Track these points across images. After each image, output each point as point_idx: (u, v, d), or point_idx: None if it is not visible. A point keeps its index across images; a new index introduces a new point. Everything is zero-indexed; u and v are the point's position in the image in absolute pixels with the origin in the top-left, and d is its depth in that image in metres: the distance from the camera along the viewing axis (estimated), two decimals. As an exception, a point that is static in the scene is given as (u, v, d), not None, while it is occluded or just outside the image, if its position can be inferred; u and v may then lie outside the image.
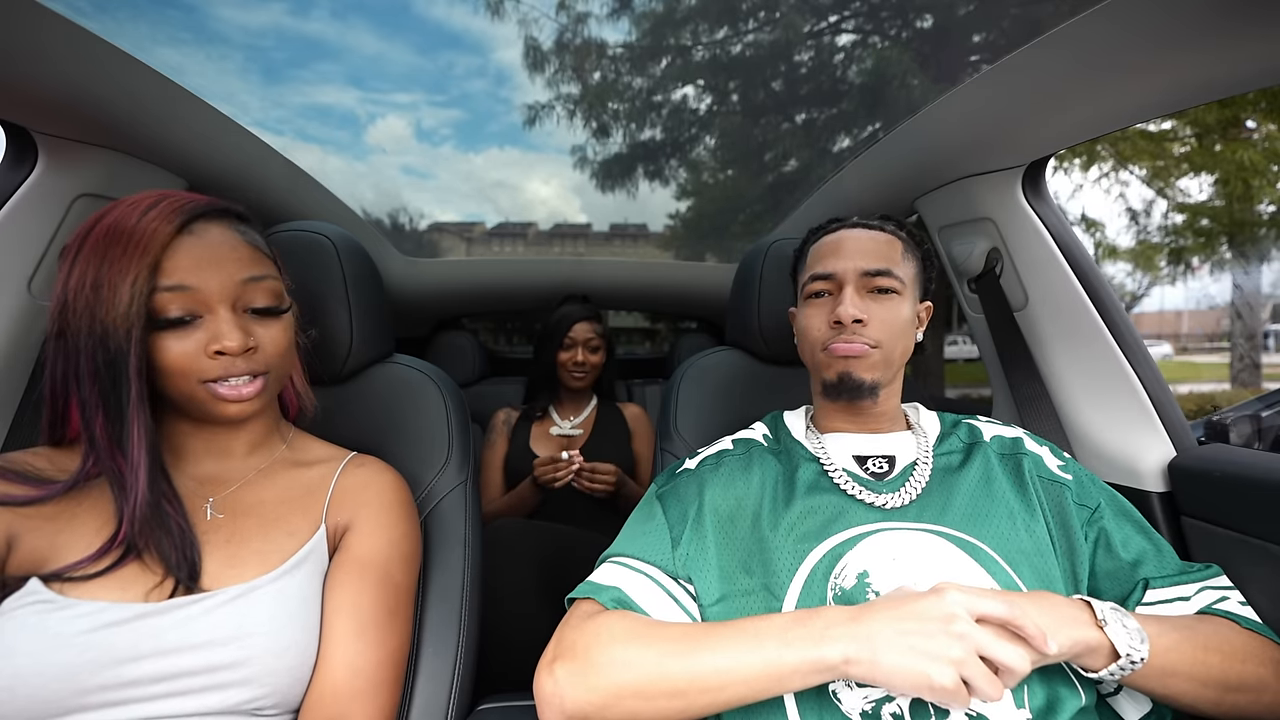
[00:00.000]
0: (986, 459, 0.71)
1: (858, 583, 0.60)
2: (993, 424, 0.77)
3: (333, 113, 17.29)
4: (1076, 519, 0.66)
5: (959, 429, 0.76)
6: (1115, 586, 0.64)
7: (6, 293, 0.83)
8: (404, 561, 0.68)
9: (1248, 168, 4.98)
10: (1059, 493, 0.68)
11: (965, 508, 0.66)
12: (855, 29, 6.43)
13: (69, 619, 0.52)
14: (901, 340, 0.72)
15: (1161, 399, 0.93)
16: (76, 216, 0.88)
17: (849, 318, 0.69)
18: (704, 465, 0.75)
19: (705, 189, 7.70)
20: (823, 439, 0.75)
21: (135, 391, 0.55)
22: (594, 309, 1.63)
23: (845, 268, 0.72)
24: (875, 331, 0.70)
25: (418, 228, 10.05)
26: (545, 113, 7.11)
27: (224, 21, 11.87)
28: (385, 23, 15.69)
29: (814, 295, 0.75)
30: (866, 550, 0.62)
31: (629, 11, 6.57)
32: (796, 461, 0.73)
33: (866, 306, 0.71)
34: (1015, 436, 0.74)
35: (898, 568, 0.61)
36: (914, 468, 0.71)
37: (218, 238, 0.60)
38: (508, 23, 6.73)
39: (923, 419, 0.78)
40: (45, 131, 0.83)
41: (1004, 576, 0.60)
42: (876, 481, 0.70)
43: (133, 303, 0.54)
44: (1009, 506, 0.66)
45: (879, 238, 0.74)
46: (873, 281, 0.71)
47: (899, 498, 0.67)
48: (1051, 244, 1.00)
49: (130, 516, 0.56)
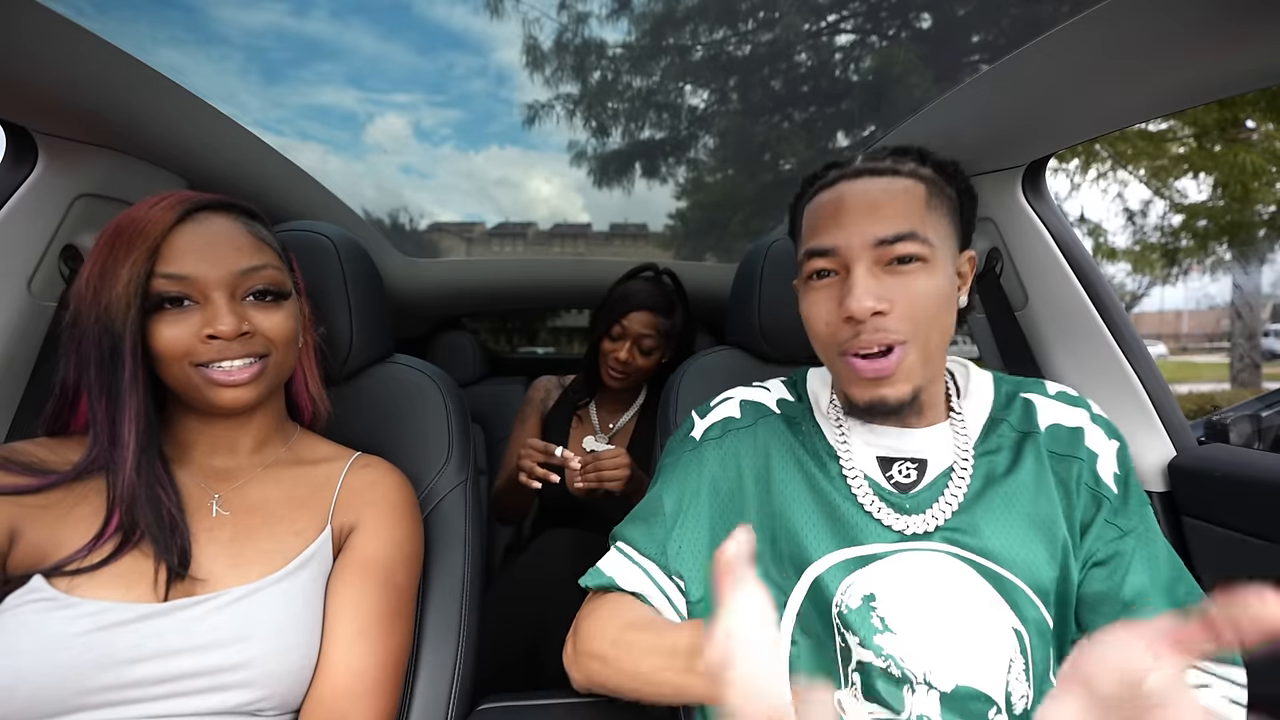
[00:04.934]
0: (1039, 458, 0.59)
1: (862, 605, 0.55)
2: (1054, 403, 0.63)
3: (332, 113, 17.30)
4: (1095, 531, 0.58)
5: (1012, 410, 0.63)
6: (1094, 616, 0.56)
7: (6, 293, 0.83)
8: (407, 563, 0.68)
9: (1247, 170, 4.98)
10: (1097, 503, 0.58)
11: (1002, 531, 0.56)
12: (855, 29, 6.44)
13: (72, 618, 0.52)
14: (940, 320, 0.56)
15: (1161, 399, 0.93)
16: (76, 216, 0.88)
17: (865, 312, 0.53)
18: (708, 438, 0.67)
19: (705, 188, 7.70)
20: (847, 429, 0.63)
21: (129, 373, 0.56)
22: (668, 296, 1.26)
23: (851, 240, 0.55)
24: (902, 322, 0.54)
25: (418, 227, 10.06)
26: (545, 112, 7.12)
27: (224, 22, 11.87)
28: (385, 23, 15.69)
29: (815, 275, 0.59)
30: (877, 572, 0.56)
31: (629, 11, 6.57)
32: (813, 445, 0.64)
33: (886, 288, 0.54)
34: (1076, 427, 0.61)
35: (911, 594, 0.54)
36: (949, 477, 0.59)
37: (218, 227, 0.61)
38: (508, 22, 6.74)
39: (973, 394, 0.64)
40: (45, 131, 0.83)
41: (1034, 611, 0.54)
42: (900, 496, 0.59)
43: (130, 284, 0.55)
44: (1050, 529, 0.56)
45: (894, 187, 0.57)
46: (890, 251, 0.54)
47: (925, 521, 0.57)
48: (1051, 244, 1.01)
49: (119, 496, 0.56)
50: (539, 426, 1.34)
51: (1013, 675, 0.52)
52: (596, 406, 1.35)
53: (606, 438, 1.31)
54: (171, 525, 0.58)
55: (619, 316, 1.21)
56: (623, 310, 1.21)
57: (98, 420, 0.57)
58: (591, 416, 1.34)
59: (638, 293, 1.23)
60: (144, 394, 0.58)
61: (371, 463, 0.73)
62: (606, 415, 1.35)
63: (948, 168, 0.60)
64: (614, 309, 1.22)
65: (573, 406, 1.34)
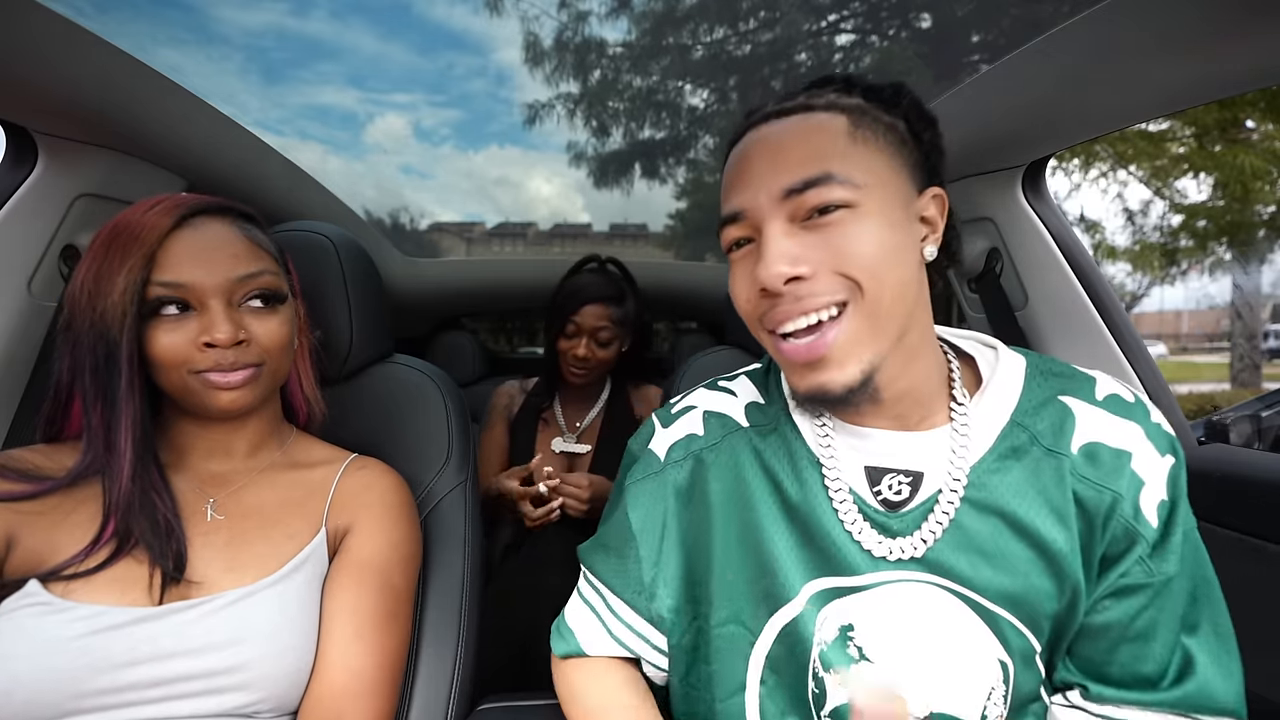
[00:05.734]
0: (1060, 482, 0.48)
1: (839, 635, 0.50)
2: (1100, 413, 0.50)
3: (332, 113, 17.31)
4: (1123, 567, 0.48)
5: (1042, 417, 0.50)
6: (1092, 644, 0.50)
7: (6, 293, 0.83)
8: (404, 564, 0.68)
9: (1247, 170, 4.98)
10: (1130, 539, 0.48)
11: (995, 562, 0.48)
12: (855, 29, 6.44)
13: (66, 622, 0.52)
14: (889, 276, 0.45)
15: (1161, 399, 0.93)
16: (76, 216, 0.88)
17: (776, 280, 0.45)
18: (670, 460, 0.59)
19: (705, 188, 7.71)
20: (833, 432, 0.54)
21: (125, 379, 0.56)
22: (616, 284, 1.25)
23: (757, 198, 0.47)
24: (827, 284, 0.45)
25: (418, 227, 10.06)
26: (545, 111, 7.12)
27: (224, 22, 11.88)
28: (385, 23, 15.71)
29: (735, 246, 0.51)
30: (856, 603, 0.50)
31: (629, 10, 6.57)
32: (790, 455, 0.55)
33: (804, 246, 0.45)
34: (1122, 450, 0.48)
35: (891, 625, 0.49)
36: (939, 497, 0.50)
37: (215, 233, 0.61)
38: (508, 21, 6.74)
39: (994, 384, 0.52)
40: (45, 131, 0.83)
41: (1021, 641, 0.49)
42: (888, 515, 0.51)
43: (126, 291, 0.55)
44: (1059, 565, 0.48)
45: (804, 126, 0.47)
46: (803, 201, 0.45)
47: (912, 544, 0.49)
48: (1051, 244, 1.01)
49: (115, 503, 0.56)
50: (506, 434, 1.33)
51: (991, 701, 0.49)
52: (561, 407, 1.33)
53: (575, 437, 1.29)
54: (167, 531, 0.58)
55: (571, 313, 1.21)
56: (573, 306, 1.21)
57: (92, 426, 0.57)
58: (558, 418, 1.32)
59: (585, 286, 1.22)
60: (140, 401, 0.57)
61: (367, 464, 0.73)
62: (572, 414, 1.33)
63: (884, 91, 0.50)
64: (564, 306, 1.21)
65: (537, 410, 1.32)
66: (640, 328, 1.32)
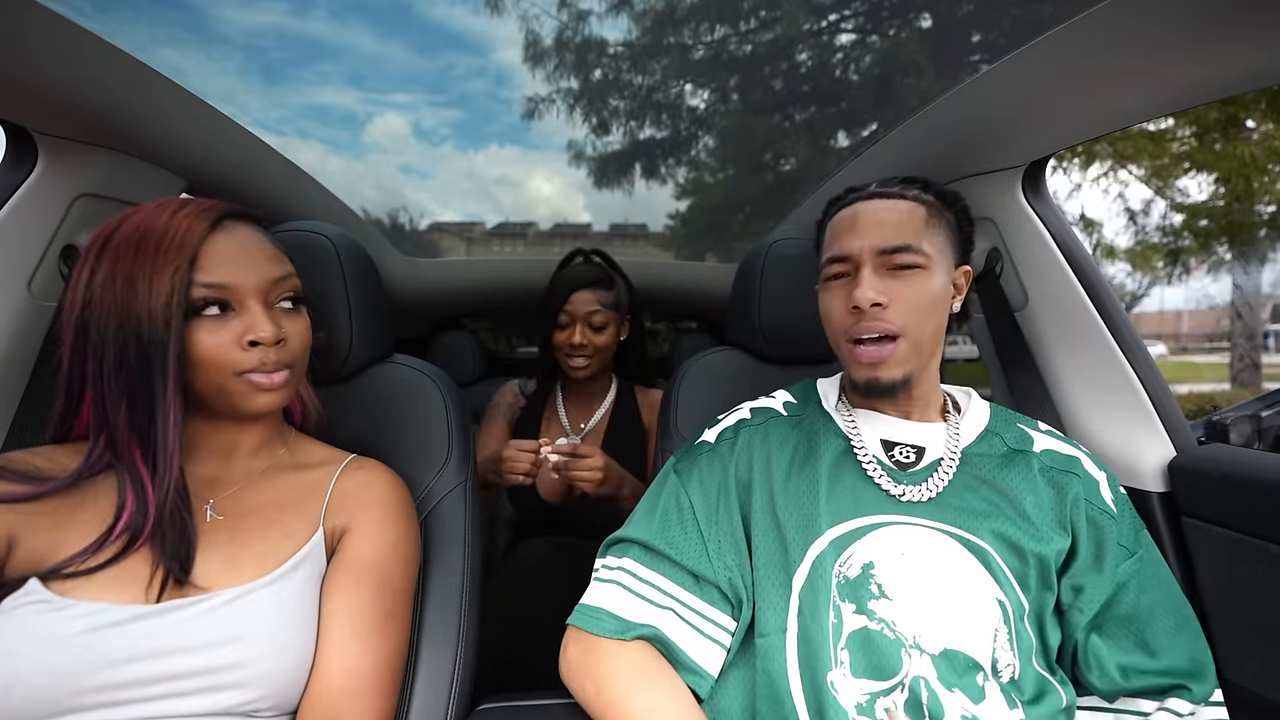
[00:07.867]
0: (1029, 469, 0.67)
1: (862, 573, 0.61)
2: (1052, 436, 0.72)
3: (332, 113, 17.31)
4: (1113, 556, 0.64)
5: (1008, 431, 0.72)
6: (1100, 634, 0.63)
7: (6, 293, 0.83)
8: (402, 564, 0.68)
9: (1249, 164, 4.96)
10: (1103, 522, 0.65)
11: (985, 513, 0.64)
12: (856, 28, 6.43)
13: (66, 619, 0.52)
14: (931, 318, 0.67)
15: (1162, 399, 0.93)
16: (76, 216, 0.88)
17: (867, 301, 0.65)
18: (723, 440, 0.74)
19: (705, 189, 7.70)
20: (855, 415, 0.72)
21: (172, 381, 0.56)
22: (604, 271, 1.29)
23: (860, 246, 0.67)
24: (898, 315, 0.66)
25: (418, 227, 10.05)
26: (545, 107, 7.10)
27: (224, 22, 11.88)
28: (385, 23, 15.71)
29: (833, 278, 0.71)
30: (876, 542, 0.63)
31: (629, 9, 6.56)
32: (821, 435, 0.72)
33: (887, 286, 0.66)
34: (1071, 455, 0.70)
35: (905, 563, 0.61)
36: (940, 464, 0.68)
37: (247, 236, 0.62)
38: (507, 21, 6.73)
39: (971, 411, 0.74)
40: (45, 131, 0.83)
41: (1010, 590, 0.61)
42: (900, 471, 0.68)
43: (173, 294, 0.56)
44: (1034, 519, 0.64)
45: (899, 208, 0.68)
46: (892, 259, 0.66)
47: (920, 492, 0.65)
48: (1051, 244, 1.00)
49: (158, 504, 0.56)
50: (507, 433, 1.32)
51: (999, 644, 0.59)
52: (566, 406, 1.33)
53: (579, 438, 1.29)
54: (185, 533, 0.58)
55: (561, 302, 1.22)
56: (564, 295, 1.22)
57: (115, 428, 0.57)
58: (561, 418, 1.32)
59: (573, 275, 1.25)
60: (181, 401, 0.58)
61: (365, 465, 0.73)
62: (577, 414, 1.32)
63: (947, 195, 0.72)
64: (555, 298, 1.24)
65: (540, 409, 1.32)
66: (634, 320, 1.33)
